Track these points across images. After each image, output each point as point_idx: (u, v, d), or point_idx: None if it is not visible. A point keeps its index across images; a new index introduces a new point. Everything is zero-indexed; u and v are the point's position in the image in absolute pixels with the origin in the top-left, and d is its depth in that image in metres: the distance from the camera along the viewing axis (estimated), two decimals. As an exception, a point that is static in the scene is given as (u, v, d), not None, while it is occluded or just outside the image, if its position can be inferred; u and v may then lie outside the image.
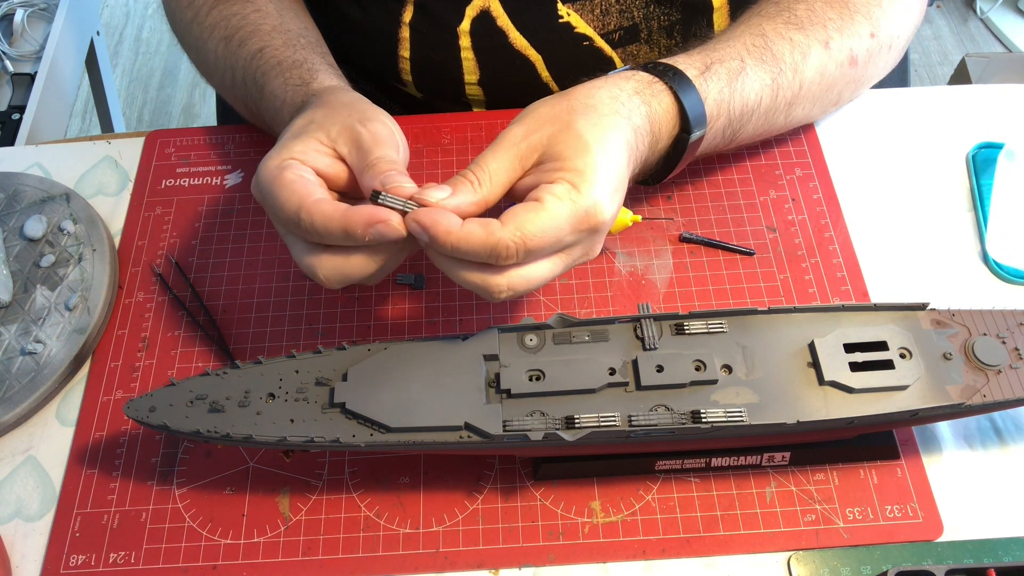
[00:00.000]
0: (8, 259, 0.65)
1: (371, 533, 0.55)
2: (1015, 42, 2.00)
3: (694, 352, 0.51)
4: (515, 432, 0.48)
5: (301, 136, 0.52)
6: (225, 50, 0.67)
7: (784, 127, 0.67)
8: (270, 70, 0.63)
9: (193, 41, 0.71)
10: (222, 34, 0.67)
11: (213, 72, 0.70)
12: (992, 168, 0.69)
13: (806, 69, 0.63)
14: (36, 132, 1.08)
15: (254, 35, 0.65)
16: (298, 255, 0.51)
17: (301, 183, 0.49)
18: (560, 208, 0.48)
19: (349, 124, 0.52)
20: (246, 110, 0.69)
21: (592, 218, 0.49)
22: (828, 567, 0.52)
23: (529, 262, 0.49)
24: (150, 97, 2.02)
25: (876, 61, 0.67)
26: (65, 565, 0.54)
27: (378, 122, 0.52)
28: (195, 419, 0.49)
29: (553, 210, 0.48)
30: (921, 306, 0.53)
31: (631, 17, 0.72)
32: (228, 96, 0.70)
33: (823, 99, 0.66)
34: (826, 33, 0.63)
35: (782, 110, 0.63)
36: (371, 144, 0.50)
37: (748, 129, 0.62)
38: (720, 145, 0.62)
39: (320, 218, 0.48)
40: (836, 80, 0.65)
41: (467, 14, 0.71)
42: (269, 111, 0.63)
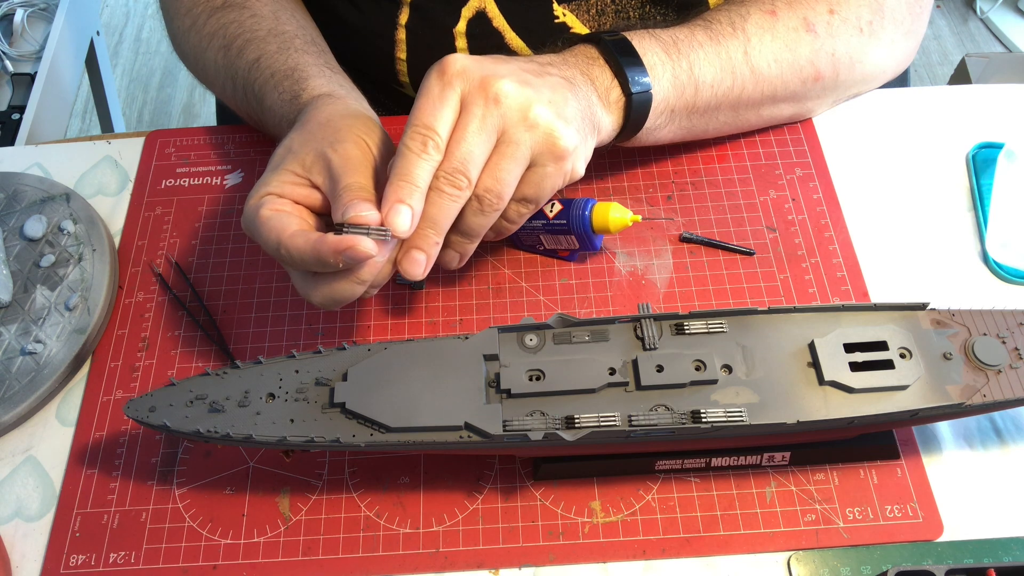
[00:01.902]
0: (8, 259, 0.65)
1: (371, 533, 0.55)
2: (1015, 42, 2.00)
3: (694, 352, 0.51)
4: (515, 432, 0.48)
5: (278, 170, 0.54)
6: (225, 59, 0.67)
7: (761, 94, 0.66)
8: (265, 83, 0.64)
9: (191, 49, 0.71)
10: (220, 43, 0.67)
11: (214, 81, 0.70)
12: (992, 168, 0.69)
13: (748, 25, 0.64)
14: (36, 132, 1.08)
15: (250, 43, 0.66)
16: (296, 282, 0.54)
17: (276, 219, 0.52)
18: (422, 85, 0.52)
19: (320, 151, 0.54)
20: (250, 119, 0.70)
21: (445, 64, 0.52)
22: (828, 567, 0.52)
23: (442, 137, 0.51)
24: (150, 97, 2.02)
25: (844, 37, 0.67)
26: (65, 565, 0.54)
27: (349, 143, 0.54)
28: (195, 419, 0.49)
29: None
30: (921, 306, 0.53)
31: (627, 17, 0.72)
32: (231, 104, 0.71)
33: (791, 65, 0.66)
34: (772, 5, 0.66)
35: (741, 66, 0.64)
36: (340, 171, 0.52)
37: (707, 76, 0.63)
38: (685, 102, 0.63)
39: (295, 251, 0.50)
40: (795, 44, 0.65)
41: (463, 15, 0.71)
42: (272, 125, 0.65)
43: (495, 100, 0.51)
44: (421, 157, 0.50)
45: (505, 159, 0.52)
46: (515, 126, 0.52)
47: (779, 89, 0.67)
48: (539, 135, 0.52)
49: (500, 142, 0.52)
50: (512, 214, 0.55)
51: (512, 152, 0.52)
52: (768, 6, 0.66)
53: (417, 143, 0.50)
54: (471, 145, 0.51)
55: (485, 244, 0.66)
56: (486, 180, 0.52)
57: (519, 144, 0.52)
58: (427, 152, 0.50)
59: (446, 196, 0.51)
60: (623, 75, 0.59)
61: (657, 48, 0.61)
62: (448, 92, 0.51)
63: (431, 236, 0.52)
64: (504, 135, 0.52)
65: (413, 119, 0.51)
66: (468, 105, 0.51)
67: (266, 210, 0.52)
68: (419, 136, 0.50)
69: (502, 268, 0.65)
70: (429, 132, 0.50)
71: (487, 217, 0.53)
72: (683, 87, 0.62)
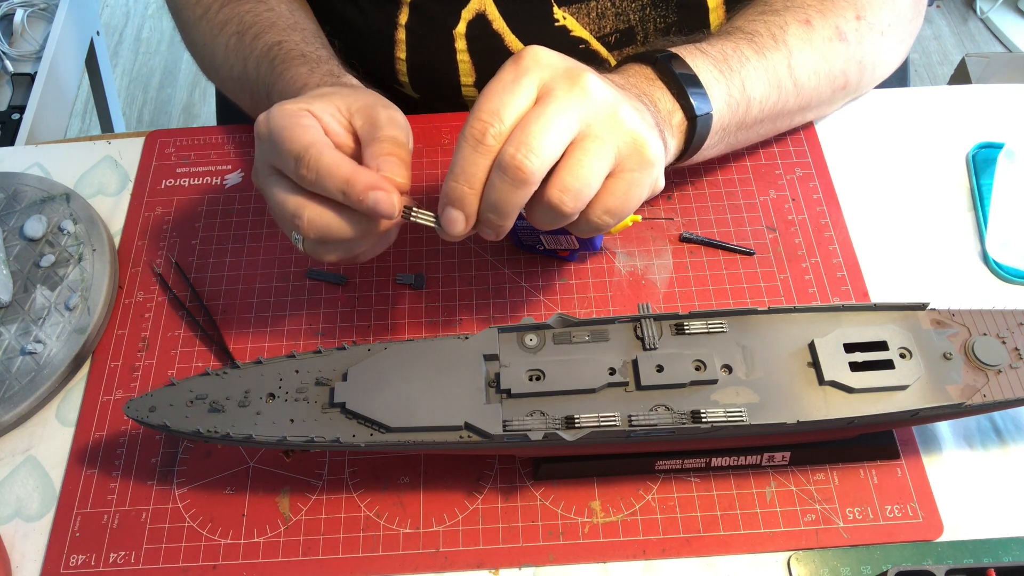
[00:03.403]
0: (8, 259, 0.65)
1: (371, 533, 0.55)
2: (1015, 42, 2.00)
3: (694, 352, 0.51)
4: (515, 432, 0.48)
5: (323, 98, 0.52)
6: (238, 44, 0.66)
7: (799, 105, 0.66)
8: (295, 58, 0.62)
9: (201, 37, 0.70)
10: (235, 29, 0.67)
11: (221, 66, 0.69)
12: (992, 168, 0.69)
13: (788, 37, 0.63)
14: (36, 132, 1.08)
15: (270, 30, 0.65)
16: (281, 196, 0.50)
17: (316, 130, 0.49)
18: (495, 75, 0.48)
19: (371, 103, 0.52)
20: (251, 101, 0.68)
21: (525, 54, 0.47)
22: (828, 567, 0.52)
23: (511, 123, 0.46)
24: (150, 97, 2.02)
25: (870, 42, 0.67)
26: (65, 565, 0.54)
27: (398, 113, 0.53)
28: (195, 419, 0.49)
29: None
30: (921, 306, 0.53)
31: (627, 20, 0.72)
32: (233, 88, 0.70)
33: (827, 75, 0.66)
34: (805, 14, 0.64)
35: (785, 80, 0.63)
36: (385, 123, 0.50)
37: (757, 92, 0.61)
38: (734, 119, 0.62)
39: (328, 161, 0.47)
40: (830, 54, 0.65)
41: (463, 17, 0.71)
42: (283, 94, 0.61)
43: (584, 91, 0.46)
44: (477, 150, 0.46)
45: (589, 155, 0.46)
46: (601, 121, 0.47)
47: (814, 99, 0.67)
48: (627, 137, 0.47)
49: (583, 136, 0.46)
50: (594, 223, 0.49)
51: (597, 148, 0.46)
52: (802, 15, 0.64)
53: (476, 132, 0.46)
54: (548, 132, 0.45)
55: (485, 244, 0.66)
56: (565, 177, 0.46)
57: (605, 141, 0.46)
58: (485, 143, 0.46)
59: (508, 187, 0.46)
60: (685, 98, 0.56)
61: (710, 65, 0.59)
62: (523, 79, 0.46)
63: (494, 221, 0.48)
64: (588, 129, 0.46)
65: (477, 104, 0.47)
66: (550, 91, 0.46)
67: (308, 120, 0.49)
68: (479, 124, 0.46)
69: (502, 268, 0.65)
70: (492, 119, 0.46)
71: (562, 220, 0.48)
72: (737, 105, 0.60)
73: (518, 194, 0.46)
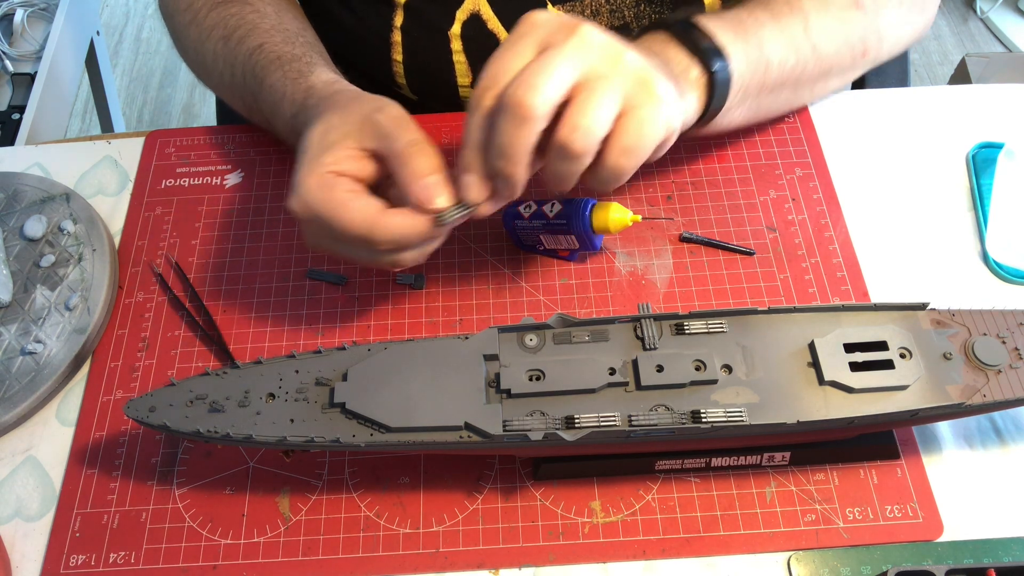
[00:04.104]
0: (8, 259, 0.65)
1: (371, 533, 0.55)
2: (1015, 42, 2.00)
3: (694, 352, 0.51)
4: (515, 432, 0.48)
5: (329, 148, 0.52)
6: (224, 49, 0.67)
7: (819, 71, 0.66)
8: (269, 64, 0.63)
9: (191, 43, 0.71)
10: (220, 34, 0.67)
11: (212, 72, 0.70)
12: (992, 168, 0.69)
13: (803, 4, 0.64)
14: (36, 132, 1.08)
15: (252, 33, 0.66)
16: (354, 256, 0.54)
17: (358, 202, 0.51)
18: None
19: (365, 117, 0.52)
20: (244, 107, 0.69)
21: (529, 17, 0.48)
22: (828, 567, 0.52)
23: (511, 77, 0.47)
24: (150, 97, 2.02)
25: (887, 12, 0.68)
26: (65, 565, 0.54)
27: (392, 106, 0.53)
28: (195, 419, 0.49)
29: None
30: (921, 306, 0.53)
31: (621, 17, 0.72)
32: (227, 95, 0.71)
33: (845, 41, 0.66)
34: None
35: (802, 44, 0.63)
36: (393, 128, 0.51)
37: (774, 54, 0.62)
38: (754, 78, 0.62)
39: (396, 227, 0.50)
40: (847, 21, 0.66)
41: (457, 17, 0.71)
42: (268, 104, 0.63)
43: (579, 37, 0.47)
44: (478, 112, 0.48)
45: (594, 93, 0.46)
46: (604, 63, 0.47)
47: (834, 66, 0.67)
48: (632, 75, 0.47)
49: (586, 79, 0.46)
50: (614, 166, 0.49)
51: (602, 87, 0.46)
52: None
53: (476, 97, 0.47)
54: (547, 72, 0.45)
55: (485, 244, 0.66)
56: (572, 116, 0.46)
57: (609, 79, 0.47)
58: (483, 104, 0.47)
59: (512, 127, 0.46)
60: (701, 53, 0.57)
61: (725, 27, 0.60)
62: (520, 41, 0.47)
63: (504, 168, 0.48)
64: (591, 71, 0.46)
65: (482, 72, 0.48)
66: (549, 44, 0.47)
67: (340, 192, 0.51)
68: (479, 90, 0.47)
69: (502, 268, 0.65)
70: (490, 82, 0.47)
71: (575, 163, 0.48)
72: (755, 65, 0.61)
73: (521, 132, 0.46)
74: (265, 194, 0.70)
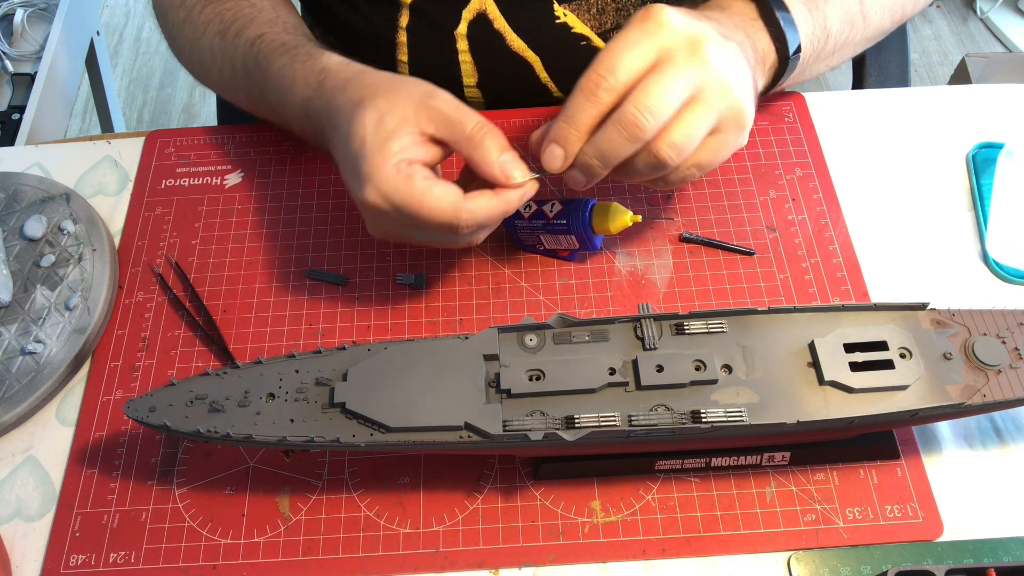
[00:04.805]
0: (8, 259, 0.65)
1: (371, 533, 0.55)
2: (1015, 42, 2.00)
3: (694, 352, 0.51)
4: (515, 432, 0.48)
5: (393, 136, 0.52)
6: (221, 43, 0.66)
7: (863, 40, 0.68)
8: (273, 51, 0.62)
9: (187, 41, 0.70)
10: (217, 29, 0.67)
11: (210, 68, 0.69)
12: (992, 168, 0.69)
13: None
14: (36, 132, 1.08)
15: (251, 24, 0.65)
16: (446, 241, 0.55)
17: (438, 190, 0.51)
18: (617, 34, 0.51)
19: (420, 102, 0.53)
20: (247, 100, 0.68)
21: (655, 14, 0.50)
22: (828, 567, 0.52)
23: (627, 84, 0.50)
24: (150, 97, 2.02)
25: None
26: (65, 565, 0.54)
27: (441, 91, 0.54)
28: (195, 419, 0.49)
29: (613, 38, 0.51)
30: (921, 306, 0.53)
31: (628, 15, 0.72)
32: (228, 90, 0.70)
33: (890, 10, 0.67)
34: None
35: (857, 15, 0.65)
36: (456, 114, 0.53)
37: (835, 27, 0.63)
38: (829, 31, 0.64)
39: (480, 212, 0.52)
40: None
41: (464, 17, 0.71)
42: (275, 92, 0.62)
43: (703, 60, 0.50)
44: (589, 100, 0.50)
45: (698, 117, 0.51)
46: (713, 88, 0.51)
47: (877, 34, 0.68)
48: (733, 105, 0.51)
49: (694, 100, 0.51)
50: (682, 175, 0.54)
51: (705, 111, 0.51)
52: None
53: (591, 83, 0.50)
54: (666, 97, 0.49)
55: (485, 244, 0.66)
56: (674, 134, 0.50)
57: (713, 107, 0.51)
58: (597, 95, 0.50)
59: (621, 140, 0.50)
60: (782, 39, 0.59)
61: (801, 3, 0.61)
62: (645, 40, 0.50)
63: (596, 167, 0.52)
64: (700, 93, 0.51)
65: (598, 57, 0.50)
66: (672, 57, 0.50)
67: (420, 180, 0.51)
68: (595, 76, 0.50)
69: (502, 268, 0.65)
70: (607, 75, 0.50)
71: (660, 171, 0.52)
72: (817, 40, 0.62)
73: (628, 147, 0.50)
74: (265, 194, 0.70)
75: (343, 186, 0.70)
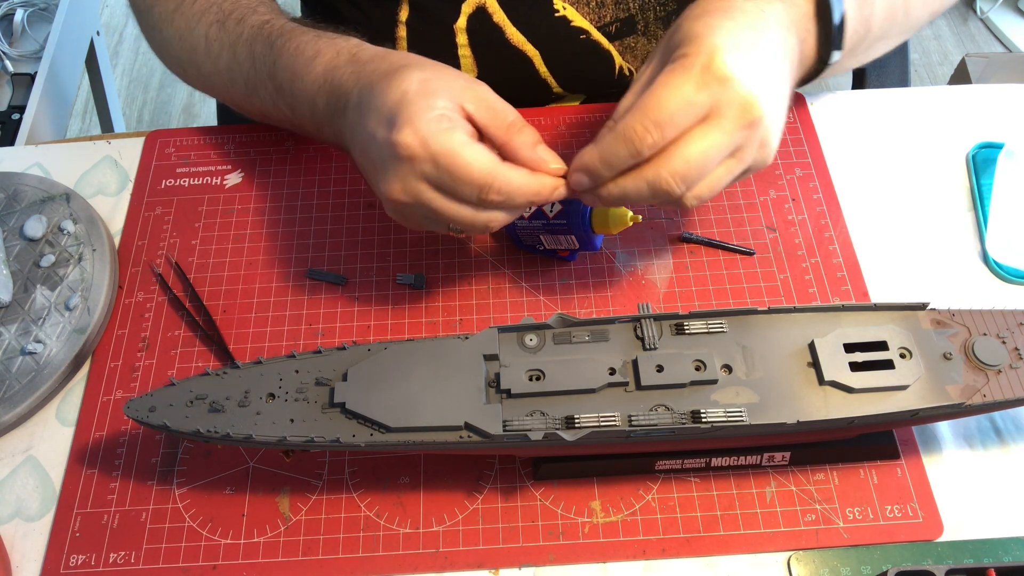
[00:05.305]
0: (8, 259, 0.65)
1: (371, 533, 0.55)
2: (1015, 42, 2.00)
3: (694, 352, 0.51)
4: (515, 432, 0.48)
5: (439, 93, 0.51)
6: (220, 32, 0.65)
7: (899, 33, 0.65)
8: (292, 30, 0.61)
9: (176, 31, 0.68)
10: (214, 18, 0.66)
11: (203, 58, 0.67)
12: (992, 168, 0.69)
13: None
14: (36, 132, 1.08)
15: (254, 13, 0.64)
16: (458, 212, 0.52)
17: (478, 147, 0.51)
18: (674, 70, 0.48)
19: (468, 84, 0.53)
20: (243, 87, 0.66)
21: (714, 68, 0.47)
22: (828, 567, 0.52)
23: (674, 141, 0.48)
24: (150, 97, 2.02)
25: None
26: (65, 565, 0.54)
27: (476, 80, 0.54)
28: (195, 419, 0.49)
29: (667, 75, 0.48)
30: (921, 306, 0.53)
31: (627, 8, 0.72)
32: (219, 81, 0.68)
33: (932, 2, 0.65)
34: None
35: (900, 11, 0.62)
36: (500, 103, 0.53)
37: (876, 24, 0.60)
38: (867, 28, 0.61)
39: (516, 183, 0.51)
40: None
41: (463, 11, 0.71)
42: (289, 68, 0.60)
43: (750, 126, 0.49)
44: (629, 150, 0.48)
45: (729, 173, 0.51)
46: (751, 148, 0.50)
47: (915, 27, 0.66)
48: (762, 153, 0.51)
49: (731, 155, 0.50)
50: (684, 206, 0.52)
51: (736, 167, 0.51)
52: None
53: (635, 135, 0.48)
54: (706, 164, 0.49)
55: (485, 244, 0.66)
56: (703, 189, 0.50)
57: (744, 161, 0.51)
58: (639, 150, 0.48)
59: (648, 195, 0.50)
60: (828, 44, 0.55)
61: (855, 7, 0.57)
62: (702, 95, 0.48)
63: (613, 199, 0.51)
64: (739, 152, 0.50)
65: (648, 106, 0.48)
66: (722, 121, 0.48)
67: (462, 134, 0.50)
68: (639, 128, 0.48)
69: (502, 268, 0.65)
70: (654, 130, 0.48)
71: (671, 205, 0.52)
72: (857, 39, 0.59)
73: (655, 201, 0.51)
74: (265, 194, 0.70)
75: (344, 186, 0.70)
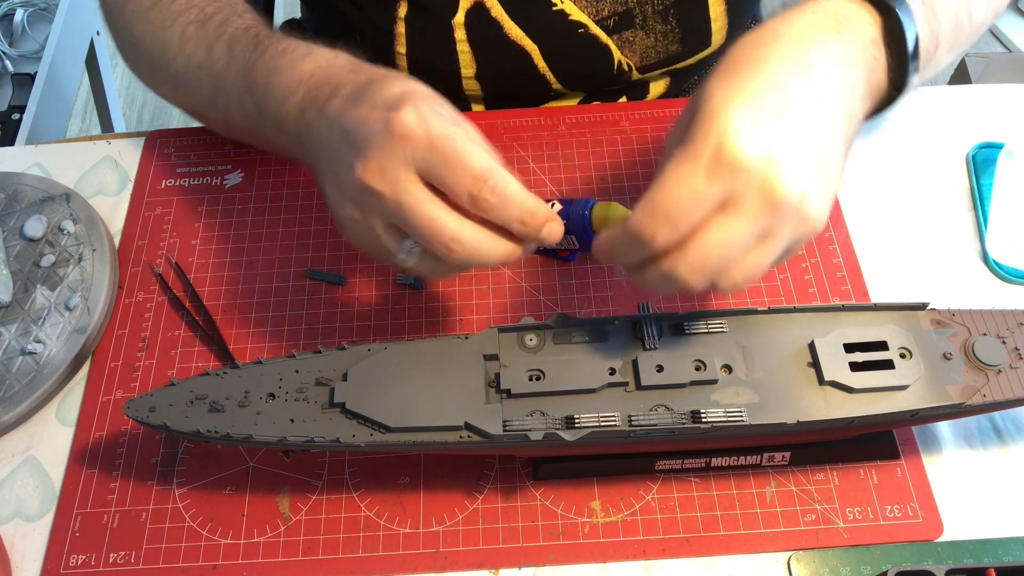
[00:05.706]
0: (8, 259, 0.65)
1: (371, 533, 0.55)
2: (1015, 42, 2.00)
3: (694, 352, 0.51)
4: (515, 432, 0.48)
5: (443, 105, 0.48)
6: (198, 31, 0.63)
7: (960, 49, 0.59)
8: (283, 36, 0.59)
9: (148, 27, 0.66)
10: (194, 18, 0.64)
11: (175, 55, 0.65)
12: (992, 168, 0.69)
13: None
14: (36, 132, 1.08)
15: (240, 17, 0.63)
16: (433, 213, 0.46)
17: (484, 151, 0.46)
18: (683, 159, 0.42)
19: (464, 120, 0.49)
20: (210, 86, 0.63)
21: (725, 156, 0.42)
22: (828, 567, 0.52)
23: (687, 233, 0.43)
24: (150, 97, 2.02)
25: None
26: (65, 565, 0.54)
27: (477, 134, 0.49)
28: (195, 419, 0.49)
29: (676, 164, 0.42)
30: (921, 306, 0.53)
31: (625, 2, 0.72)
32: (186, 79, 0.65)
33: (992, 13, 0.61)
34: None
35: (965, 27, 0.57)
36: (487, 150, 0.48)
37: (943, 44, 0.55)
38: None
39: (514, 188, 0.46)
40: None
41: (461, 6, 0.71)
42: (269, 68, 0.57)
43: (775, 209, 0.43)
44: (638, 248, 0.44)
45: (764, 258, 0.45)
46: (783, 227, 0.44)
47: (977, 32, 0.61)
48: (801, 229, 0.45)
49: (762, 239, 0.44)
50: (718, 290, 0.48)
51: (771, 251, 0.45)
52: None
53: (646, 231, 0.43)
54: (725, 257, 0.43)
55: (485, 244, 0.66)
56: (737, 275, 0.45)
57: (778, 242, 0.45)
58: (650, 247, 0.43)
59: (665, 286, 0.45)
60: (901, 71, 0.50)
61: (924, 23, 0.51)
62: (713, 189, 0.42)
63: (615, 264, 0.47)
64: (770, 234, 0.44)
65: (657, 201, 0.42)
66: (741, 208, 0.42)
67: (465, 128, 0.47)
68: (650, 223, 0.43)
69: (502, 268, 0.65)
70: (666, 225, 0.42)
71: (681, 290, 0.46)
72: (927, 57, 0.53)
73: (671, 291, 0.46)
74: (265, 194, 0.70)
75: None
